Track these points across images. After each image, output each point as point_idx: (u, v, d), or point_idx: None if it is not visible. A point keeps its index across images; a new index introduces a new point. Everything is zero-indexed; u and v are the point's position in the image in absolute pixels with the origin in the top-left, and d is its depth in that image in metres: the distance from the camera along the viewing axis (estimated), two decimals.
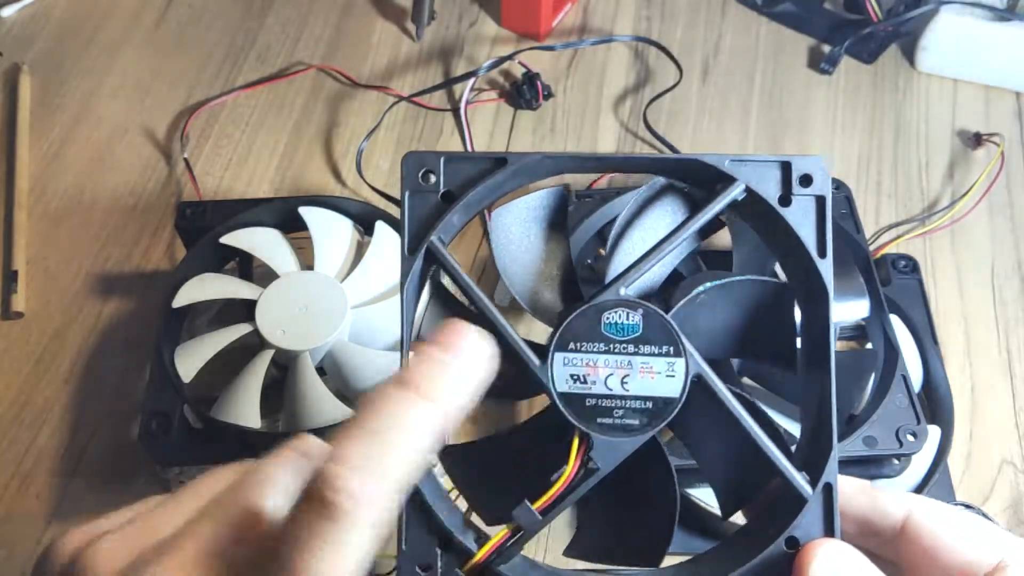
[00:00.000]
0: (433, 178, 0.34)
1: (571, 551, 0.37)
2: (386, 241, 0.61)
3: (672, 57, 0.81)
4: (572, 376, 0.33)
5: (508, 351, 0.33)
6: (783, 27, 0.86)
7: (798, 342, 0.35)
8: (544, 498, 0.32)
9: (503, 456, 0.36)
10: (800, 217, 0.34)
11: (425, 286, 0.35)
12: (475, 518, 0.35)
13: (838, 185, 0.65)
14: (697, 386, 0.33)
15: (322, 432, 0.54)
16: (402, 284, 0.33)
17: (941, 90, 0.81)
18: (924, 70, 0.81)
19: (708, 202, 0.34)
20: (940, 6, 0.79)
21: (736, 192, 0.34)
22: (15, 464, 0.61)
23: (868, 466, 0.55)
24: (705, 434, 0.35)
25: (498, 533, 0.32)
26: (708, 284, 0.36)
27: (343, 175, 0.75)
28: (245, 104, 0.80)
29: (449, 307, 0.36)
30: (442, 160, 0.34)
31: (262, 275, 0.61)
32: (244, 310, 0.59)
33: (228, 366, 0.60)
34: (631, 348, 0.33)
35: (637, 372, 0.33)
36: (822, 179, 0.34)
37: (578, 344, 0.33)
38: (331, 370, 0.57)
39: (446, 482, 0.37)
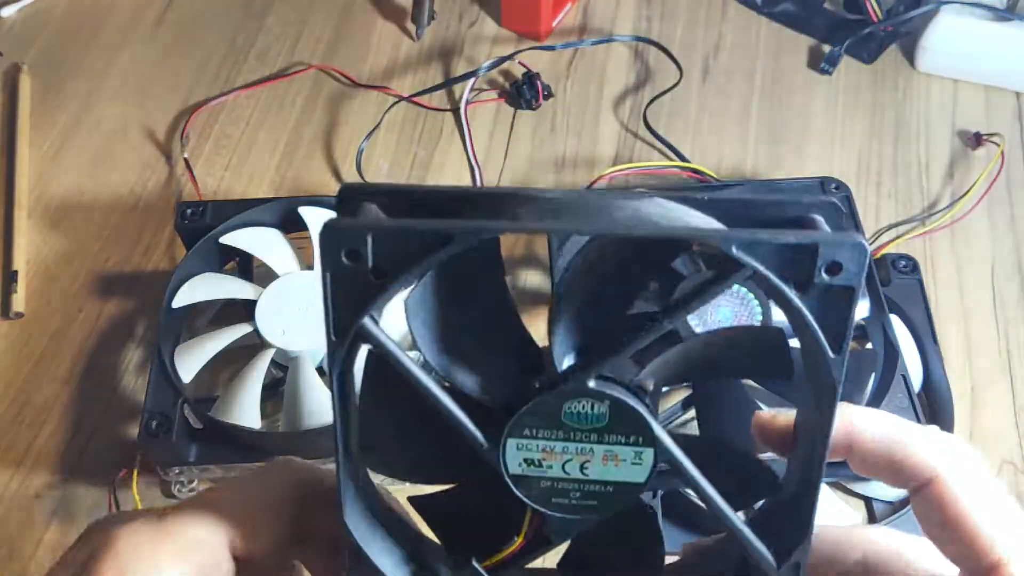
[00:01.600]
0: (360, 257, 0.28)
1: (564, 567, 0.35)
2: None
3: (672, 57, 0.81)
4: (526, 460, 0.30)
5: (456, 431, 0.30)
6: (783, 27, 0.86)
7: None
8: (492, 560, 0.31)
9: (471, 503, 0.34)
10: (819, 302, 0.28)
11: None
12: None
13: (838, 185, 0.65)
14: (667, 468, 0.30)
15: (322, 432, 0.54)
16: (331, 372, 0.29)
17: (941, 90, 0.81)
18: (924, 70, 0.81)
19: (710, 285, 0.28)
20: (940, 6, 0.79)
21: (742, 277, 0.28)
22: (15, 464, 0.61)
23: None
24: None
25: None
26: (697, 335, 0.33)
27: (343, 175, 0.75)
28: (245, 104, 0.80)
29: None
30: (369, 237, 0.27)
31: (262, 275, 0.61)
32: (244, 310, 0.59)
33: (228, 366, 0.60)
34: (594, 437, 0.29)
35: (599, 459, 0.30)
36: (856, 268, 0.27)
37: (534, 431, 0.29)
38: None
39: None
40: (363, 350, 0.30)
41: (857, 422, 0.31)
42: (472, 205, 0.29)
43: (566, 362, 0.30)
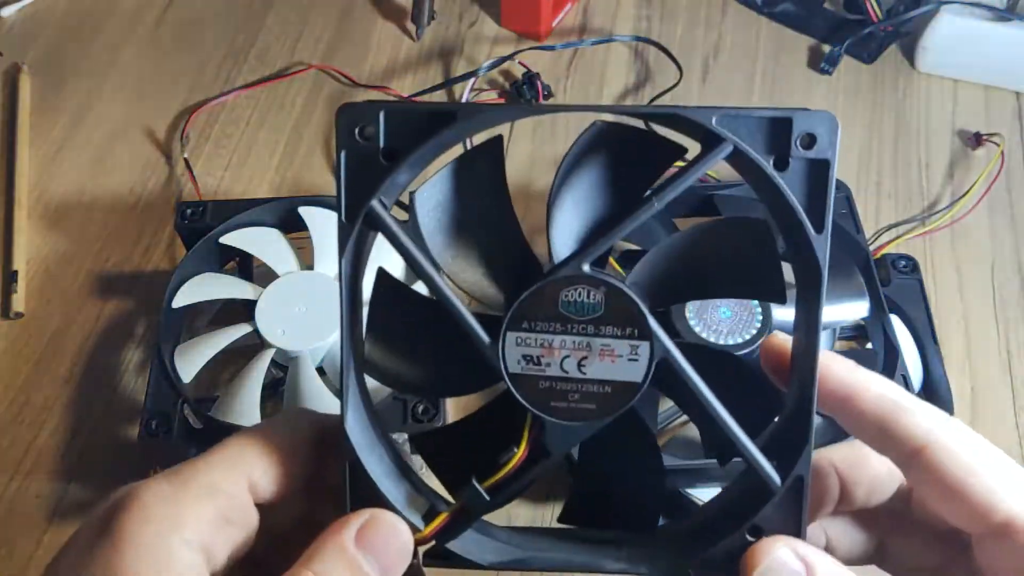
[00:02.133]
0: (372, 133, 0.29)
1: (565, 517, 0.35)
2: (387, 241, 0.61)
3: (672, 57, 0.81)
4: (525, 357, 0.30)
5: (457, 328, 0.30)
6: (783, 27, 0.86)
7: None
8: (492, 479, 0.31)
9: (470, 438, 0.34)
10: (798, 180, 0.29)
11: (370, 254, 0.32)
12: (430, 487, 0.33)
13: (838, 185, 0.65)
14: (662, 369, 0.30)
15: None
16: (340, 255, 0.30)
17: (941, 90, 0.81)
18: (924, 70, 0.81)
19: (690, 164, 0.29)
20: (940, 6, 0.79)
21: (723, 154, 0.29)
22: (15, 464, 0.61)
23: None
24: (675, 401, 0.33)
25: (442, 514, 0.31)
26: (682, 231, 0.32)
27: None
28: (245, 104, 0.80)
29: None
30: (382, 114, 0.29)
31: (262, 275, 0.61)
32: (244, 310, 0.59)
33: (228, 366, 0.60)
34: (591, 329, 0.30)
35: (597, 355, 0.30)
36: (828, 140, 0.29)
37: (532, 323, 0.30)
38: (331, 370, 0.58)
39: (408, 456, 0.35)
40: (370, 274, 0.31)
41: (861, 375, 0.31)
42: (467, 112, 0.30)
43: (564, 254, 0.30)
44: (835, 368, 0.31)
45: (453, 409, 0.59)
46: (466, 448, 0.34)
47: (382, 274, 0.32)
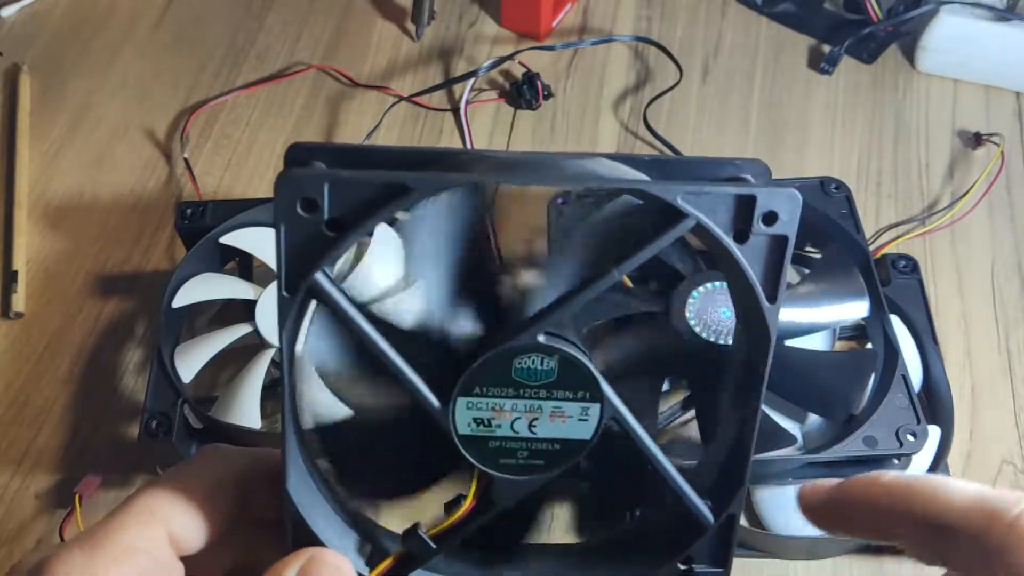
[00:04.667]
0: (316, 208, 0.27)
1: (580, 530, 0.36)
2: (386, 241, 0.61)
3: (672, 57, 0.81)
4: (476, 420, 0.30)
5: (407, 391, 0.30)
6: (783, 27, 0.86)
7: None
8: (439, 527, 0.31)
9: (382, 436, 0.34)
10: (755, 256, 0.29)
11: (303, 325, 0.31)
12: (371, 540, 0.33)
13: (838, 185, 0.65)
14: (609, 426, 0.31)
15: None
16: (280, 330, 0.29)
17: (941, 90, 0.81)
18: (924, 70, 0.81)
19: (652, 237, 0.29)
20: (940, 6, 0.79)
21: (685, 228, 0.29)
22: (15, 464, 0.61)
23: (868, 466, 0.54)
24: (606, 469, 0.34)
25: (387, 559, 0.31)
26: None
27: None
28: (245, 104, 0.80)
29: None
30: (326, 187, 0.27)
31: (262, 275, 0.61)
32: (244, 310, 0.59)
33: (228, 366, 0.60)
34: (543, 393, 0.30)
35: (547, 417, 0.30)
36: (789, 217, 0.29)
37: (484, 389, 0.30)
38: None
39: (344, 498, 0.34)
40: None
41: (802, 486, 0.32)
42: (427, 163, 0.29)
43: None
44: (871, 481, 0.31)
45: None
46: (380, 452, 0.34)
47: (345, 315, 0.30)
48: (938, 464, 0.57)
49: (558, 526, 0.36)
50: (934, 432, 0.58)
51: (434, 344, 0.31)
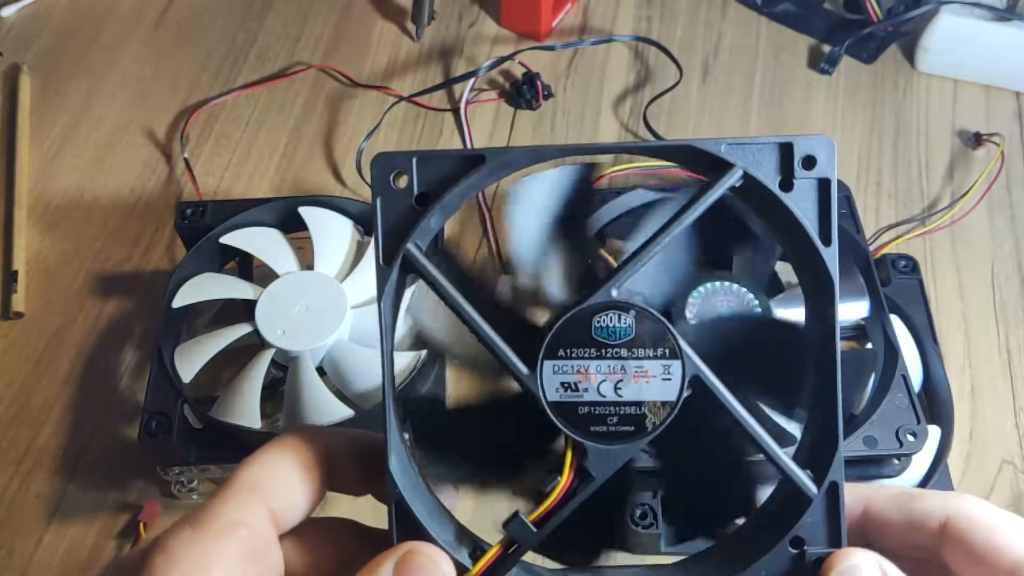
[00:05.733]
0: (406, 180, 0.31)
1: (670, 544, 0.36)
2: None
3: (672, 57, 0.81)
4: (563, 384, 0.31)
5: (497, 361, 0.31)
6: (783, 27, 0.86)
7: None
8: (539, 510, 0.31)
9: (474, 426, 0.35)
10: (802, 202, 0.31)
11: (405, 292, 0.33)
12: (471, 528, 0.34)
13: (839, 185, 0.65)
14: (694, 388, 0.31)
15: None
16: (379, 297, 0.31)
17: (941, 90, 0.81)
18: (924, 70, 0.81)
19: (703, 191, 0.31)
20: (940, 6, 0.79)
21: (733, 179, 0.31)
22: (15, 464, 0.61)
23: (868, 466, 0.55)
24: (691, 453, 0.34)
25: (491, 549, 0.31)
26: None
27: (343, 175, 0.75)
28: (245, 104, 0.80)
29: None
30: (414, 161, 0.31)
31: (262, 275, 0.61)
32: (244, 310, 0.59)
33: (228, 366, 0.60)
34: (624, 352, 0.31)
35: (631, 377, 0.31)
36: (827, 160, 0.31)
37: (568, 350, 0.31)
38: (331, 370, 0.57)
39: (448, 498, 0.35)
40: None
41: (866, 488, 0.33)
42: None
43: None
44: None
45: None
46: (471, 440, 0.34)
47: (437, 283, 0.33)
48: (938, 464, 0.57)
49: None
50: (934, 432, 0.58)
51: (522, 319, 0.33)
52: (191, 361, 0.57)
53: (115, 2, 0.89)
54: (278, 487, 0.31)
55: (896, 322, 0.61)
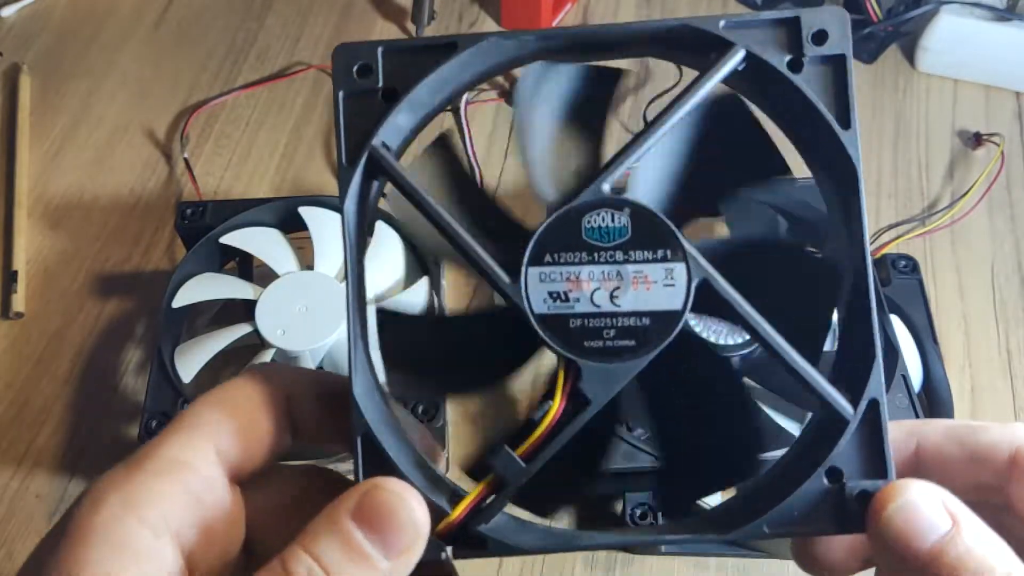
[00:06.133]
0: (371, 73, 0.28)
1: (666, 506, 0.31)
2: (386, 241, 0.61)
3: None
4: (551, 294, 0.27)
5: (475, 270, 0.27)
6: None
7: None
8: (528, 442, 0.27)
9: (447, 338, 0.31)
10: (816, 83, 0.28)
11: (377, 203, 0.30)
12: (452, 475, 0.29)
13: None
14: (702, 295, 0.27)
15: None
16: (341, 200, 0.28)
17: (941, 90, 0.81)
18: (924, 70, 0.81)
19: (701, 75, 0.28)
20: (940, 6, 0.79)
21: (735, 60, 0.27)
22: (15, 464, 0.61)
23: None
24: (686, 395, 0.29)
25: (475, 488, 0.27)
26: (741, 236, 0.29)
27: None
28: (245, 104, 0.80)
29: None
30: (380, 51, 0.28)
31: (262, 275, 0.61)
32: (244, 310, 0.59)
33: (228, 366, 0.60)
34: (619, 255, 0.27)
35: (629, 283, 0.27)
36: (840, 33, 0.28)
37: (556, 255, 0.27)
38: (331, 370, 0.57)
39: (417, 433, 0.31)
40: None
41: (915, 422, 0.29)
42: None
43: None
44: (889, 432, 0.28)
45: (453, 411, 0.59)
46: (436, 350, 0.31)
47: (406, 184, 0.29)
48: None
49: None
50: None
51: (514, 224, 0.29)
52: (191, 361, 0.57)
53: (115, 2, 0.89)
54: (227, 426, 0.27)
55: (896, 322, 0.61)
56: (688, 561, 0.56)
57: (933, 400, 0.61)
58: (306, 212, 0.61)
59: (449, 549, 0.27)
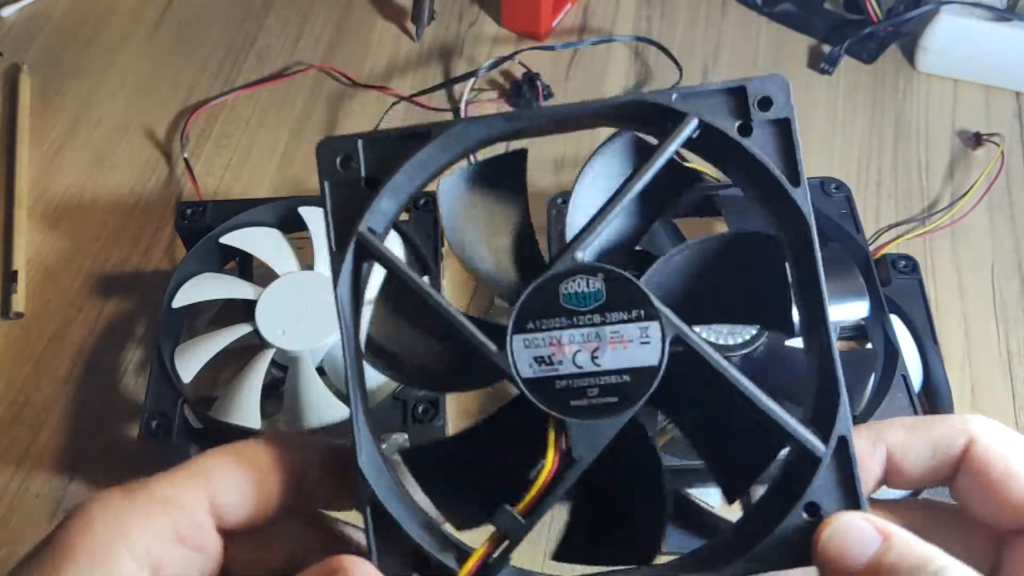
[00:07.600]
0: (354, 164, 0.31)
1: (560, 555, 0.33)
2: (386, 241, 0.61)
3: (672, 57, 0.81)
4: (536, 359, 0.29)
5: (463, 341, 0.29)
6: (783, 27, 0.86)
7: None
8: (525, 499, 0.29)
9: (470, 454, 0.33)
10: (764, 145, 0.30)
11: (368, 283, 0.32)
12: (453, 531, 0.32)
13: (838, 185, 0.65)
14: (678, 349, 0.29)
15: (322, 432, 0.54)
16: (335, 284, 0.30)
17: (941, 90, 0.81)
18: (924, 70, 0.81)
19: (658, 146, 0.30)
20: (940, 6, 0.79)
21: (689, 128, 0.30)
22: (15, 464, 0.61)
23: None
24: (695, 405, 0.31)
25: (479, 547, 0.29)
26: (689, 241, 0.32)
27: None
28: (245, 104, 0.80)
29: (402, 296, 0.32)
30: (360, 143, 0.31)
31: (262, 275, 0.61)
32: (244, 310, 0.59)
33: (228, 366, 0.60)
34: (596, 318, 0.29)
35: (607, 344, 0.29)
36: (783, 100, 0.30)
37: (537, 322, 0.29)
38: (331, 370, 0.57)
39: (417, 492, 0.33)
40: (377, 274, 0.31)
41: (876, 426, 0.31)
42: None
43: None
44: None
45: (452, 410, 0.59)
46: (469, 462, 0.32)
47: (394, 267, 0.31)
48: None
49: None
50: None
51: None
52: (191, 361, 0.57)
53: (115, 2, 0.89)
54: (227, 479, 0.29)
55: (896, 322, 0.60)
56: None
57: (933, 400, 0.61)
58: (306, 212, 0.61)
59: None
